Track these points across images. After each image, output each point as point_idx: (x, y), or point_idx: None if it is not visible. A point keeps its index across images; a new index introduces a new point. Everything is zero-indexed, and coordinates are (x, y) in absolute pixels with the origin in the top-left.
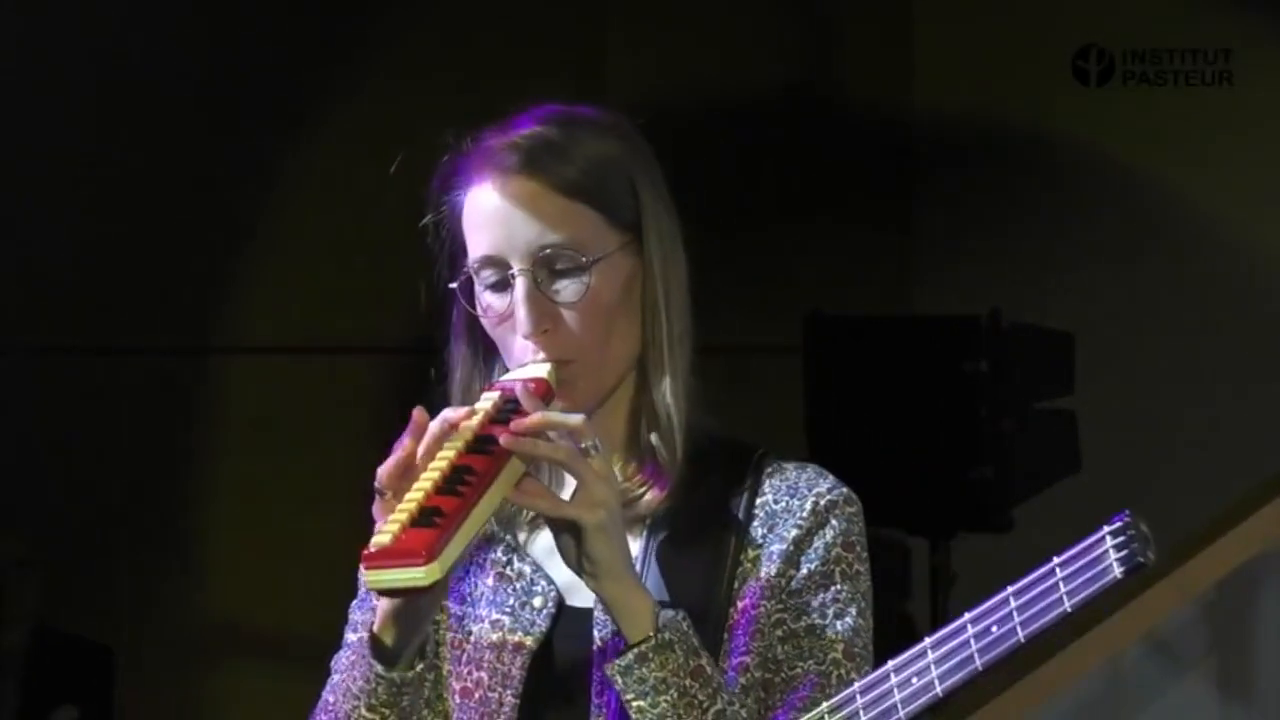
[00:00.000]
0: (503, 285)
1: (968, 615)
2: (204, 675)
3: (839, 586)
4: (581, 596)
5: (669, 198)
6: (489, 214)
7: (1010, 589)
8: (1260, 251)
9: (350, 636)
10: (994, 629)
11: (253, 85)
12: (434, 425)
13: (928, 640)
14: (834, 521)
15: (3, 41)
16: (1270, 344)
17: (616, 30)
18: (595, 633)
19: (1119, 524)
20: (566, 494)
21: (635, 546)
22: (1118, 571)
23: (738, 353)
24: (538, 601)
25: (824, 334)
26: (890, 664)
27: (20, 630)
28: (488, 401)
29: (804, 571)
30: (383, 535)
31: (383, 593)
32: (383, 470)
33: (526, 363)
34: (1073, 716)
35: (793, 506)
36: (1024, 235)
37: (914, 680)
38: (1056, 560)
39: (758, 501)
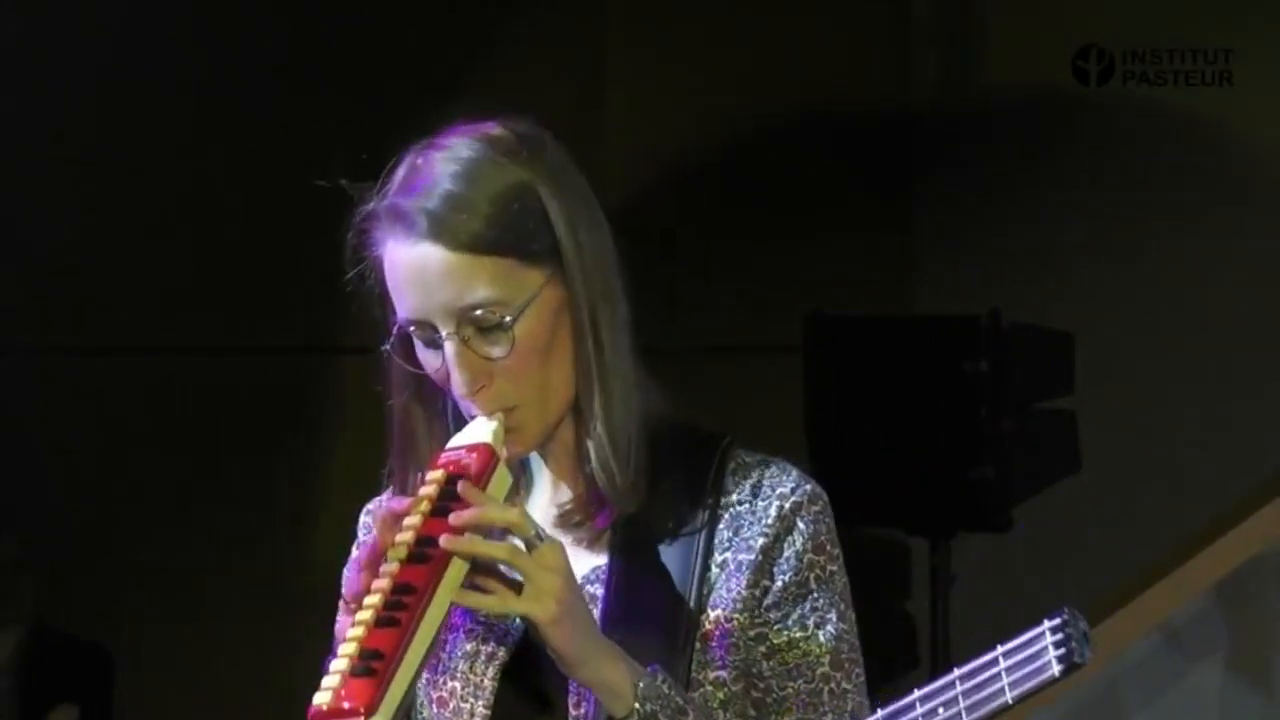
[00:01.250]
0: (436, 343)
1: (918, 693)
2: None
3: (815, 594)
4: None
5: (586, 205)
6: (405, 279)
7: (957, 672)
8: (1260, 252)
9: None
10: (940, 710)
11: (252, 87)
12: (381, 516)
13: (880, 713)
14: (801, 525)
15: (3, 41)
16: (1270, 343)
17: (616, 30)
18: None
19: (1058, 621)
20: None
21: (600, 560)
22: (1055, 670)
23: (738, 353)
24: None
25: (824, 334)
26: None
27: (17, 631)
28: (432, 485)
29: (778, 584)
30: (324, 693)
31: None
32: (346, 588)
33: (474, 415)
34: (1074, 716)
35: (756, 509)
36: (1024, 235)
37: None
38: (1000, 649)
39: (722, 502)
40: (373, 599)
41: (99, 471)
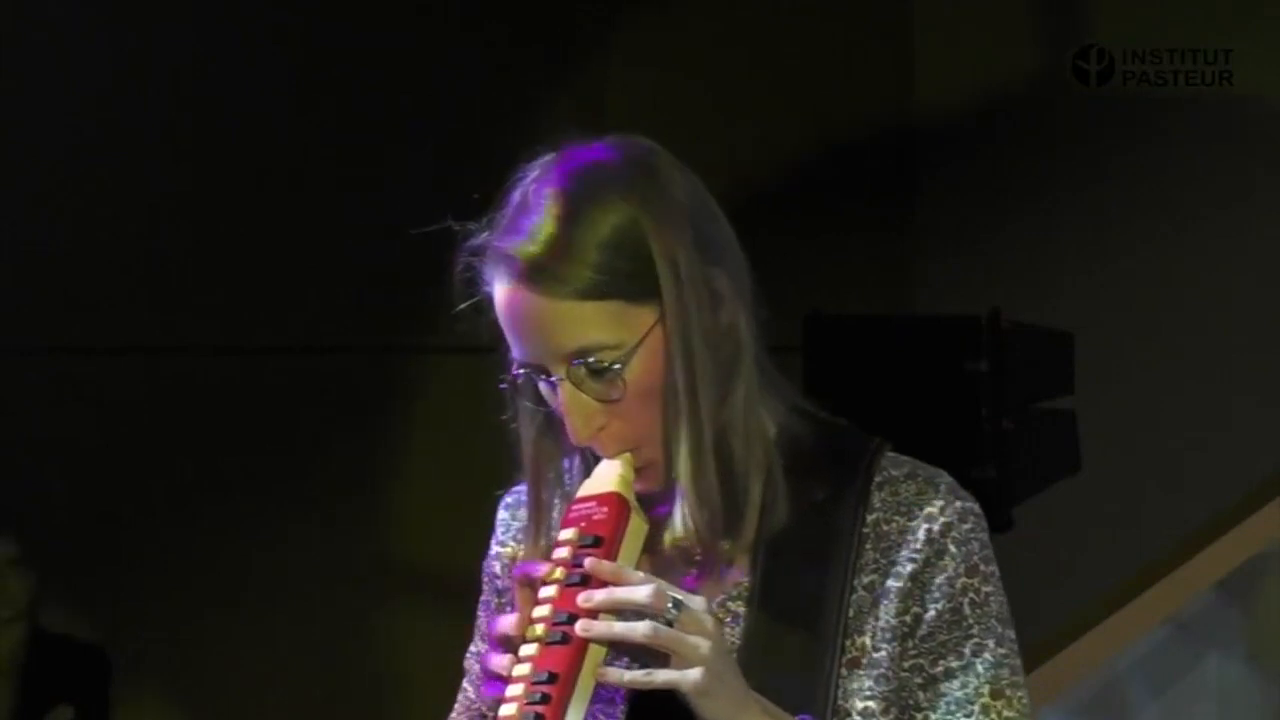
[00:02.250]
0: (553, 383)
1: None
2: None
3: (970, 621)
4: None
5: (696, 225)
6: (513, 321)
7: None
8: (1260, 252)
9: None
10: None
11: (253, 87)
12: (516, 578)
13: None
14: (952, 549)
15: (3, 41)
16: (1270, 343)
17: (618, 31)
18: None
19: None
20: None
21: (743, 577)
22: None
23: None
24: None
25: (824, 334)
26: None
27: (15, 631)
28: (565, 549)
29: (931, 613)
30: None
31: None
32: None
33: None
34: (1078, 712)
35: (905, 529)
36: (1024, 235)
37: None
38: None
39: (868, 519)
40: (515, 689)
41: (99, 471)
